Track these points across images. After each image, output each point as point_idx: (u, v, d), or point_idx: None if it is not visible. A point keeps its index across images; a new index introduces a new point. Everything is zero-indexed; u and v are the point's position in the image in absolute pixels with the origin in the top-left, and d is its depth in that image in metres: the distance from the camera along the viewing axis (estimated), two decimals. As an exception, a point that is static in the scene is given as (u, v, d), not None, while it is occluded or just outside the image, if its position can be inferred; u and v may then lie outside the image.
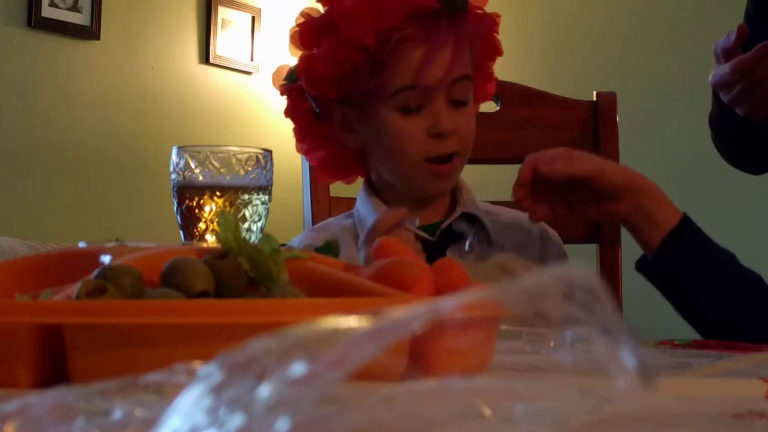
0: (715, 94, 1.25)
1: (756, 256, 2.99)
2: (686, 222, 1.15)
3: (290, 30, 1.25)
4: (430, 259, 0.90)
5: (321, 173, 1.34)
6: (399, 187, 1.27)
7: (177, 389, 0.31)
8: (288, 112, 1.30)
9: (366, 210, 1.29)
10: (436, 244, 1.25)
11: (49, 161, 3.07)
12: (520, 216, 1.32)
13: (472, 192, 1.32)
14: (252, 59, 3.64)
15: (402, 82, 1.20)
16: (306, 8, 1.26)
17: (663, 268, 1.13)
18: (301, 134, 1.30)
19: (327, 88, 1.22)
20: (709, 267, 1.12)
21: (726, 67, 1.12)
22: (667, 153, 3.07)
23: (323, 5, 1.23)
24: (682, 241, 1.14)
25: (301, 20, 1.24)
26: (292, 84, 1.27)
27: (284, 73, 1.29)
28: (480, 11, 1.25)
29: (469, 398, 0.33)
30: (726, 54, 1.13)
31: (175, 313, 0.50)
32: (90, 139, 3.18)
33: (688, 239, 1.14)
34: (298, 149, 1.33)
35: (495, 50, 1.29)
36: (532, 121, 1.52)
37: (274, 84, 1.31)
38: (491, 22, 1.27)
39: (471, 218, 1.28)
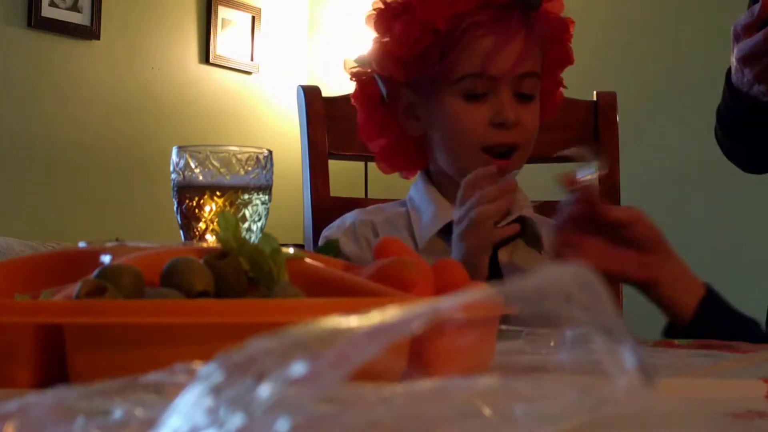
0: (729, 82, 1.24)
1: (756, 256, 2.99)
2: (712, 290, 1.10)
3: (366, 14, 1.28)
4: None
5: (381, 162, 1.35)
6: (456, 178, 1.26)
7: (177, 389, 0.31)
8: (355, 97, 1.31)
9: (421, 198, 1.30)
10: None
11: (49, 161, 3.07)
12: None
13: (527, 196, 1.32)
14: (252, 59, 3.64)
15: (469, 68, 1.21)
16: None
17: (698, 334, 1.09)
18: (365, 120, 1.31)
19: (395, 69, 1.24)
20: (738, 335, 1.09)
21: (758, 36, 1.10)
22: (667, 153, 3.08)
23: None
24: (715, 307, 1.10)
25: (379, 5, 1.26)
26: (362, 69, 1.28)
27: (351, 61, 1.31)
28: (553, 15, 1.26)
29: (469, 398, 0.33)
30: (747, 29, 1.12)
31: (175, 313, 0.50)
32: (90, 139, 3.18)
33: (719, 306, 1.10)
34: (361, 136, 1.34)
35: (566, 58, 1.30)
36: (532, 121, 1.51)
37: (345, 69, 1.33)
38: (564, 27, 1.28)
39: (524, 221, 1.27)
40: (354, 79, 1.30)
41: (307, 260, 0.63)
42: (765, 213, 2.89)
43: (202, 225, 0.88)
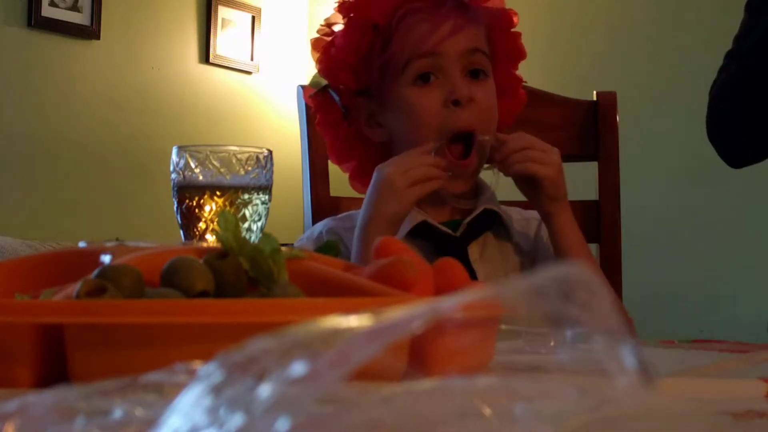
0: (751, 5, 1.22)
1: (755, 255, 2.99)
2: None
3: (312, 40, 1.30)
4: (453, 253, 0.91)
5: (354, 182, 1.37)
6: None
7: (177, 389, 0.31)
8: (319, 124, 1.33)
9: None
10: (459, 240, 1.25)
11: (49, 161, 3.07)
12: (519, 211, 1.35)
13: (495, 194, 1.32)
14: (252, 59, 3.64)
15: (411, 52, 1.22)
16: (326, 18, 1.30)
17: None
18: (333, 144, 1.33)
19: (346, 77, 1.25)
20: None
21: None
22: (667, 153, 3.07)
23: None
24: None
25: (324, 29, 1.29)
26: (318, 93, 1.30)
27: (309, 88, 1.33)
28: (491, 5, 1.26)
29: (469, 398, 0.33)
30: None
31: (175, 313, 0.50)
32: (90, 138, 3.18)
33: None
34: (332, 160, 1.36)
35: (518, 52, 1.31)
36: (532, 120, 1.51)
37: (305, 97, 1.35)
38: (508, 18, 1.28)
39: (491, 215, 1.28)
40: (314, 106, 1.31)
41: (307, 260, 0.62)
42: (764, 212, 2.89)
43: (202, 225, 0.88)
